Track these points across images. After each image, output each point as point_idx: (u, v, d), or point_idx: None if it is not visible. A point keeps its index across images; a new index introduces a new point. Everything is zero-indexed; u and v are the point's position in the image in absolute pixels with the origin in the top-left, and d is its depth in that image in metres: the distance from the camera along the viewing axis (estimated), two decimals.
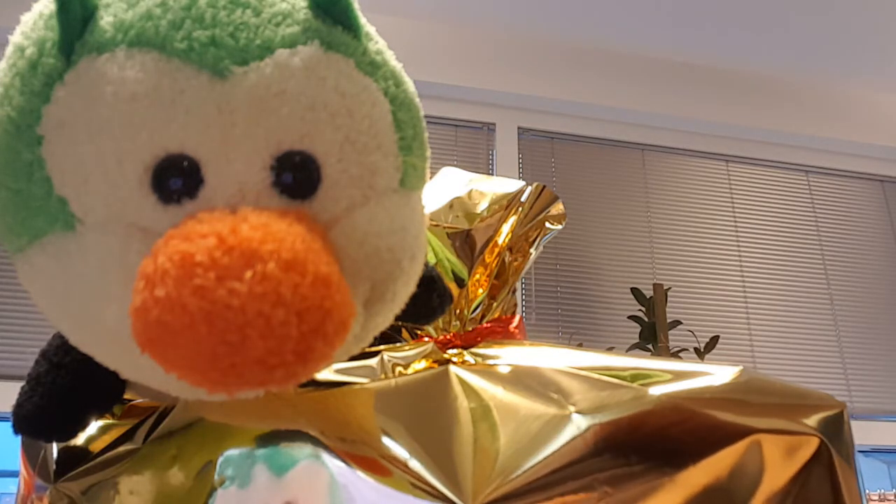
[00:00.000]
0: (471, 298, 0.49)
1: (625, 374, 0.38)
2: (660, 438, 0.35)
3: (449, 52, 2.45)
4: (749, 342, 2.43)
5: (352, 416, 0.38)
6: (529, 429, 0.35)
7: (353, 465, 0.35)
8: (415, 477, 0.33)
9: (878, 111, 2.79)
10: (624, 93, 2.61)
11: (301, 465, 0.36)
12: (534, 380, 0.38)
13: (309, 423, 0.37)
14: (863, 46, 2.57)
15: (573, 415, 0.35)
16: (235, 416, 0.38)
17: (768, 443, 0.35)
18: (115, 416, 0.43)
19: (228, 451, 0.37)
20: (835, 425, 0.37)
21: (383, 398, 0.38)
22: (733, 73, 2.71)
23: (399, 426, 0.36)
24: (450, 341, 0.47)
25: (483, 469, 0.33)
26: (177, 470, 0.38)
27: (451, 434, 0.35)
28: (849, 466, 0.36)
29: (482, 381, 0.38)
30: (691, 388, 0.37)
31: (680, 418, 0.36)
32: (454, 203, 0.50)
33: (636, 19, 2.51)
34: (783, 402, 0.37)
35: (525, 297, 2.27)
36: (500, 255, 0.49)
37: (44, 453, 0.41)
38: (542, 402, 0.36)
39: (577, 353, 0.42)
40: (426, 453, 0.34)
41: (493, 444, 0.35)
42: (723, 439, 0.35)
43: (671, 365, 0.39)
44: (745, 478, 0.35)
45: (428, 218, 0.50)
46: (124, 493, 0.38)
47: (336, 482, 0.35)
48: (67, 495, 0.39)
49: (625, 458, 0.35)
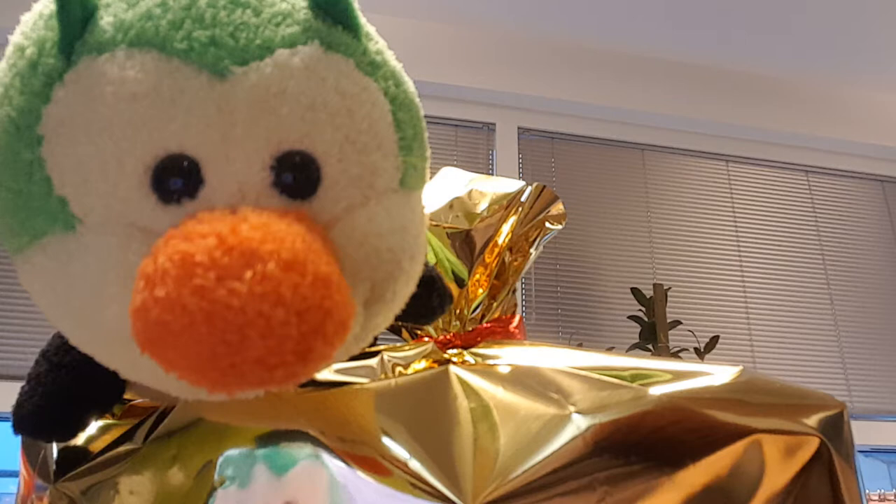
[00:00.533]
0: (471, 298, 0.49)
1: (625, 374, 0.38)
2: (659, 438, 0.35)
3: (449, 52, 2.45)
4: (749, 342, 2.43)
5: (352, 416, 0.38)
6: (529, 429, 0.35)
7: (353, 465, 0.35)
8: (415, 477, 0.33)
9: (878, 111, 2.79)
10: (624, 93, 2.61)
11: (301, 465, 0.36)
12: (534, 380, 0.38)
13: (309, 423, 0.37)
14: (863, 46, 2.57)
15: (573, 415, 0.35)
16: (235, 416, 0.38)
17: (768, 443, 0.35)
18: (115, 416, 0.43)
19: (228, 451, 0.37)
20: (835, 425, 0.36)
21: (383, 398, 0.38)
22: (733, 73, 2.71)
23: (399, 426, 0.36)
24: (450, 341, 0.47)
25: (483, 469, 0.33)
26: (177, 470, 0.38)
27: (451, 434, 0.35)
28: (849, 466, 0.36)
29: (482, 381, 0.38)
30: (691, 388, 0.37)
31: (680, 418, 0.36)
32: (454, 203, 0.50)
33: (636, 19, 2.51)
34: (783, 402, 0.37)
35: (525, 297, 2.27)
36: (500, 255, 0.49)
37: (44, 453, 0.41)
38: (542, 402, 0.36)
39: (577, 353, 0.42)
40: (426, 453, 0.34)
41: (493, 444, 0.35)
42: (723, 439, 0.35)
43: (671, 365, 0.39)
44: (745, 478, 0.35)
45: (428, 218, 0.50)
46: (124, 493, 0.38)
47: (336, 482, 0.35)
48: (67, 495, 0.39)
49: (625, 457, 0.35)
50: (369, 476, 0.34)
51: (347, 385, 0.39)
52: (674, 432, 0.36)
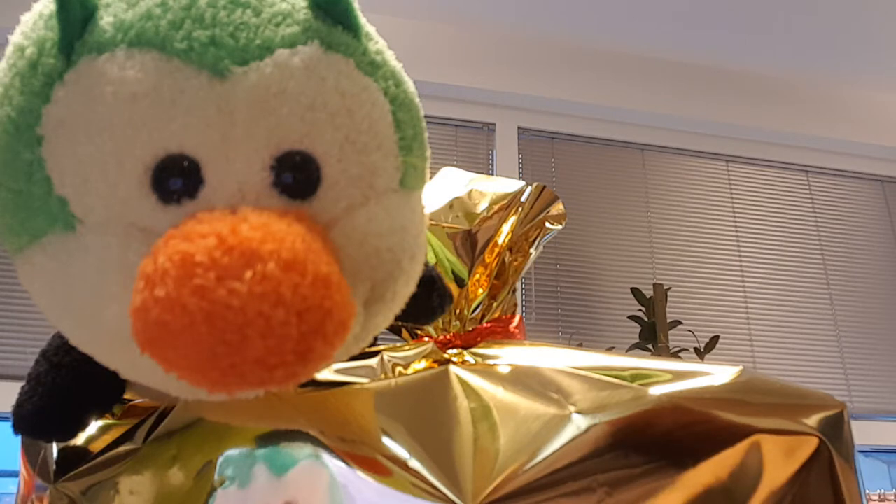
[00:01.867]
0: (471, 298, 0.49)
1: (625, 374, 0.38)
2: (660, 439, 0.35)
3: (449, 52, 2.45)
4: (749, 342, 2.43)
5: (352, 416, 0.38)
6: (529, 429, 0.35)
7: (353, 465, 0.35)
8: (415, 477, 0.33)
9: (878, 111, 2.79)
10: (624, 93, 2.61)
11: (301, 465, 0.36)
12: (534, 380, 0.38)
13: (309, 423, 0.37)
14: (863, 46, 2.57)
15: (573, 415, 0.35)
16: (235, 417, 0.38)
17: (768, 443, 0.35)
18: (115, 416, 0.43)
19: (228, 451, 0.37)
20: (835, 425, 0.36)
21: (383, 398, 0.38)
22: (733, 73, 2.71)
23: (399, 426, 0.36)
24: (450, 341, 0.47)
25: (483, 469, 0.33)
26: (177, 470, 0.38)
27: (451, 434, 0.35)
28: (849, 466, 0.36)
29: (482, 381, 0.38)
30: (691, 388, 0.37)
31: (680, 418, 0.36)
32: (454, 203, 0.50)
33: (636, 19, 2.51)
34: (783, 402, 0.37)
35: (525, 297, 2.27)
36: (500, 254, 0.49)
37: (44, 453, 0.41)
38: (542, 403, 0.36)
39: (577, 353, 0.42)
40: (426, 453, 0.34)
41: (493, 444, 0.35)
42: (723, 439, 0.35)
43: (671, 365, 0.39)
44: (745, 478, 0.35)
45: (428, 218, 0.50)
46: (124, 493, 0.38)
47: (336, 482, 0.35)
48: (67, 495, 0.39)
49: (625, 458, 0.35)
50: (369, 476, 0.34)
51: (347, 385, 0.39)
52: (674, 432, 0.36)
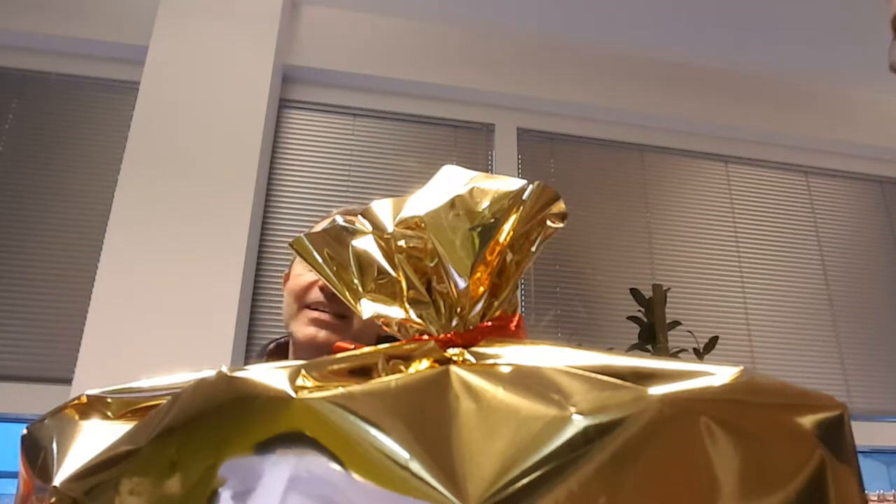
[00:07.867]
0: (472, 297, 0.48)
1: (625, 374, 0.38)
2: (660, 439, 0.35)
3: (449, 52, 2.45)
4: (748, 342, 2.44)
5: (352, 416, 0.38)
6: (530, 429, 0.35)
7: (353, 466, 0.35)
8: (415, 478, 0.33)
9: (878, 112, 2.80)
10: (623, 94, 2.61)
11: (301, 466, 0.36)
12: (534, 380, 0.38)
13: (308, 426, 0.37)
14: (863, 47, 2.58)
15: (574, 416, 0.35)
16: (236, 418, 0.38)
17: (768, 443, 0.35)
18: (115, 415, 0.43)
19: (229, 454, 0.37)
20: (835, 426, 0.36)
21: (383, 398, 0.38)
22: (733, 74, 2.71)
23: (399, 426, 0.36)
24: (450, 340, 0.47)
25: (483, 470, 0.33)
26: (177, 471, 0.38)
27: (451, 434, 0.35)
28: (849, 467, 0.36)
29: (483, 380, 0.38)
30: (692, 388, 0.37)
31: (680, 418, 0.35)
32: (455, 201, 0.50)
33: (636, 20, 2.51)
34: (783, 403, 0.37)
35: (525, 297, 2.28)
36: (501, 253, 0.49)
37: (44, 453, 0.41)
38: (542, 403, 0.36)
39: (578, 353, 0.42)
40: (426, 453, 0.34)
41: (494, 444, 0.34)
42: (723, 440, 0.35)
43: (671, 365, 0.39)
44: (745, 478, 0.35)
45: (430, 216, 0.49)
46: (125, 493, 0.38)
47: (336, 483, 0.35)
48: (69, 496, 0.39)
49: (625, 459, 0.34)
50: (369, 477, 0.34)
51: (347, 385, 0.39)
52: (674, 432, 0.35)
